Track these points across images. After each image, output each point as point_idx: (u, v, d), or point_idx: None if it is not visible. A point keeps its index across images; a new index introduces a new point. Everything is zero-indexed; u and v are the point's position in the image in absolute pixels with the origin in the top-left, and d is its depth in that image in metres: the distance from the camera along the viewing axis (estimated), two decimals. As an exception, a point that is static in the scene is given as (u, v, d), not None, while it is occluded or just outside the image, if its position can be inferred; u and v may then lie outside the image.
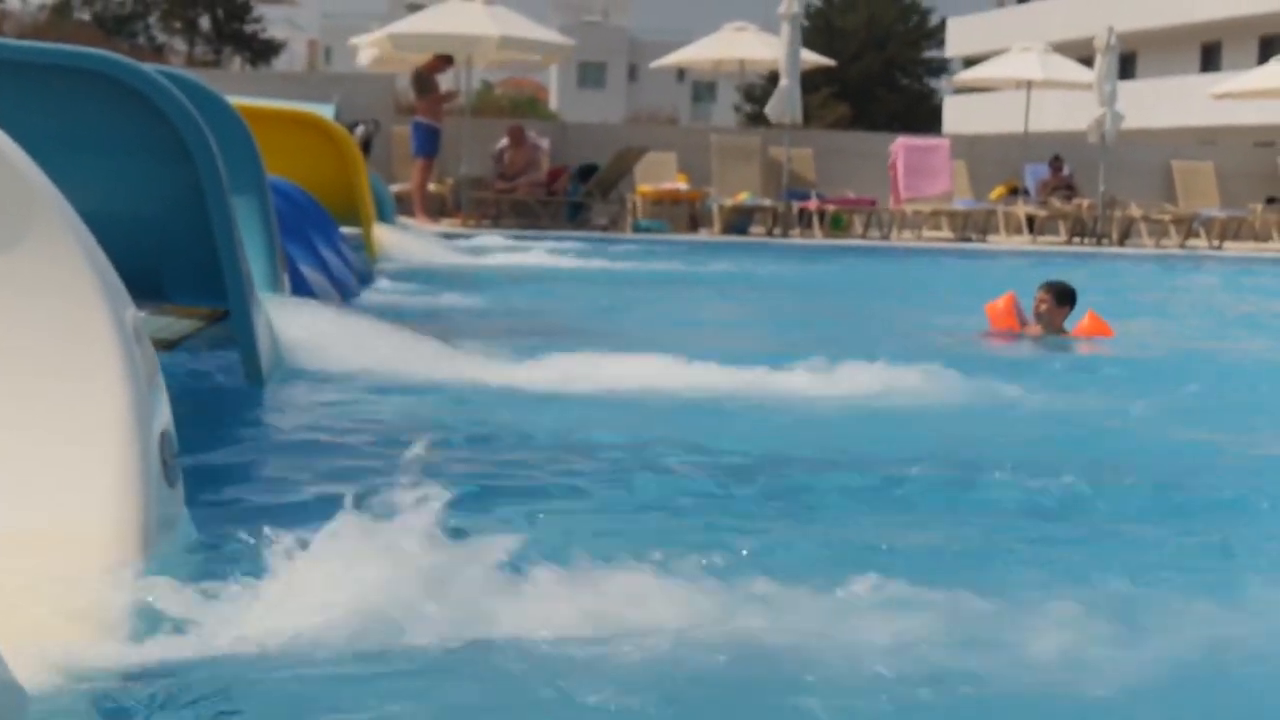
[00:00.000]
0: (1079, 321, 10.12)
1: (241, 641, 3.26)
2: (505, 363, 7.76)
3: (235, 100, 8.38)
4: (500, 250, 17.89)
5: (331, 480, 5.17)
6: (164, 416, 3.94)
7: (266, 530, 3.83)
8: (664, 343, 8.11)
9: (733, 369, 7.59)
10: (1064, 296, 10.05)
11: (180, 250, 6.81)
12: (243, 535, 4.09)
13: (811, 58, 26.71)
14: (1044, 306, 10.01)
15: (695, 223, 23.46)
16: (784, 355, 7.93)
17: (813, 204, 23.55)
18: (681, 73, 70.72)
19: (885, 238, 23.45)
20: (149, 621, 3.29)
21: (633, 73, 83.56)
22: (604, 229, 22.70)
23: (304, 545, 3.80)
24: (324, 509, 4.64)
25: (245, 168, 7.53)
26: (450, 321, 10.22)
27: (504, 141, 23.36)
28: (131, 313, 3.89)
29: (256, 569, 3.62)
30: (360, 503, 4.74)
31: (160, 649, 3.21)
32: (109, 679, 3.08)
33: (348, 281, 11.15)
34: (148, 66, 6.47)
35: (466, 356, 7.91)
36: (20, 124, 3.99)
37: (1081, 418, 7.11)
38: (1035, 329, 10.01)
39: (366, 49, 24.52)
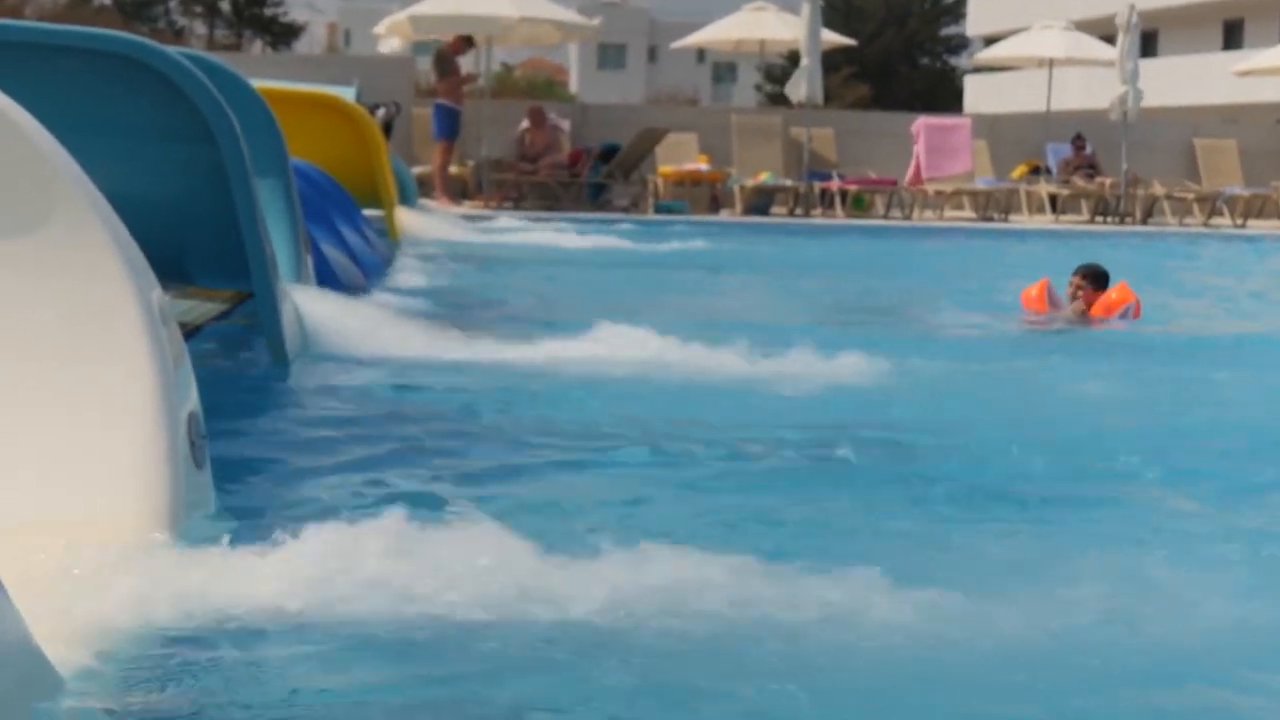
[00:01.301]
0: (1108, 292, 10.07)
1: (269, 620, 3.28)
2: (527, 345, 7.76)
3: (257, 83, 8.38)
4: (522, 232, 17.89)
5: (357, 463, 5.19)
6: (191, 398, 3.95)
7: (293, 512, 3.85)
8: (693, 325, 8.08)
9: (763, 350, 7.57)
10: (1099, 279, 10.02)
11: (204, 233, 6.82)
12: (270, 516, 4.11)
13: (832, 37, 26.64)
14: (1080, 291, 9.97)
15: (717, 203, 23.42)
16: (816, 336, 7.91)
17: (834, 184, 23.50)
18: (701, 53, 70.70)
19: (907, 218, 23.40)
20: (176, 601, 3.31)
21: (652, 54, 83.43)
22: (625, 210, 22.67)
23: (329, 527, 3.82)
24: (349, 492, 4.68)
25: (269, 150, 7.54)
26: (472, 304, 10.23)
27: (525, 123, 23.35)
28: (158, 294, 3.90)
29: (283, 550, 3.64)
30: (381, 486, 4.77)
31: (187, 628, 3.24)
32: (137, 657, 3.11)
33: (370, 264, 11.16)
34: (171, 49, 6.47)
35: (487, 339, 7.92)
36: (46, 107, 4.00)
37: (1117, 398, 7.10)
38: (1070, 312, 9.97)
39: (387, 38, 24.47)
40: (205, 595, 3.35)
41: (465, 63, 23.23)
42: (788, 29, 26.03)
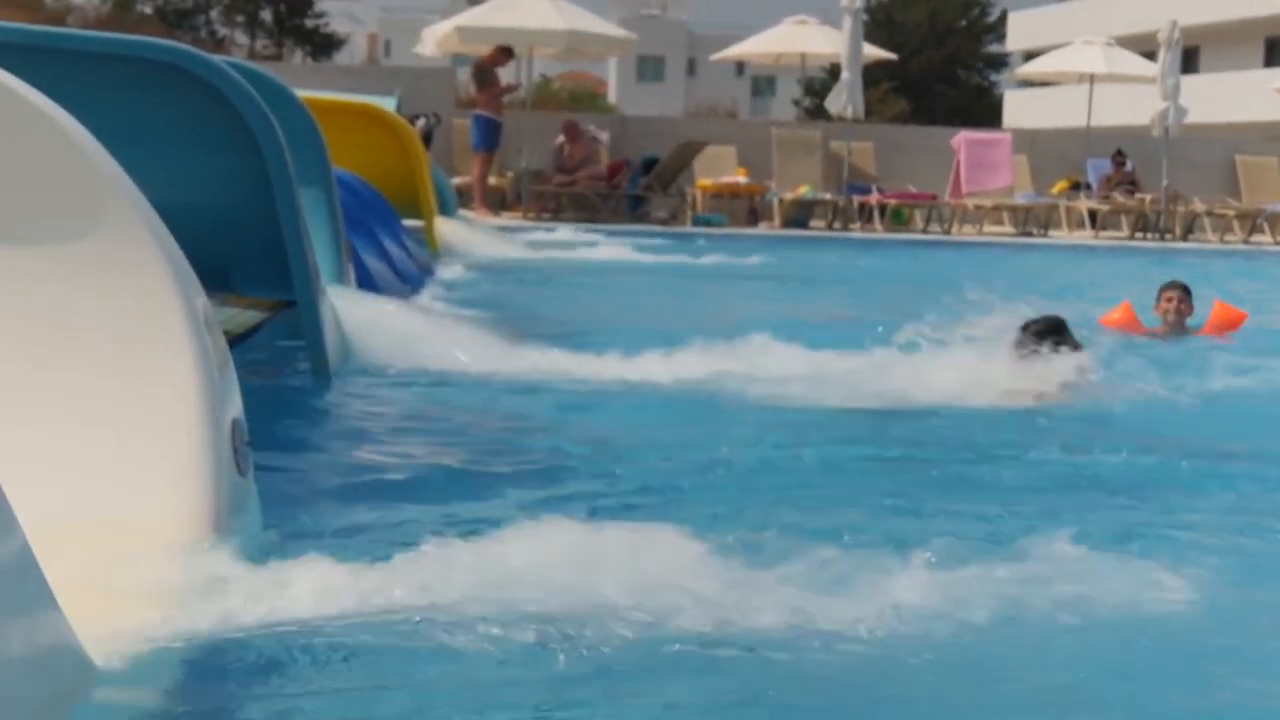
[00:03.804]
0: (1208, 315, 9.94)
1: (309, 626, 3.29)
2: (566, 356, 7.77)
3: (299, 93, 8.41)
4: (560, 244, 17.91)
5: (396, 472, 5.20)
6: (235, 404, 3.97)
7: (331, 519, 3.86)
8: (735, 338, 8.03)
9: (851, 358, 7.54)
10: (1190, 293, 9.86)
11: (247, 241, 6.85)
12: (308, 523, 4.12)
13: (873, 51, 26.64)
14: (1183, 306, 9.77)
15: (755, 216, 23.43)
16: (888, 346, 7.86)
17: (873, 198, 23.48)
18: (740, 66, 70.68)
19: (946, 232, 23.36)
20: (218, 606, 3.32)
21: (691, 66, 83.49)
22: (664, 222, 22.68)
23: (366, 535, 3.83)
24: (388, 500, 4.69)
25: (312, 160, 7.56)
26: (511, 314, 10.23)
27: (561, 137, 23.38)
28: (203, 301, 3.92)
29: (325, 556, 3.65)
30: (422, 497, 4.78)
31: (229, 632, 3.25)
32: (178, 660, 3.12)
33: (410, 273, 11.19)
34: (217, 58, 6.51)
35: (527, 349, 7.93)
36: (93, 115, 4.02)
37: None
38: (1161, 329, 9.78)
39: (430, 41, 24.51)
40: (247, 600, 3.36)
41: (505, 74, 23.29)
42: (829, 43, 26.02)
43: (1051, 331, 7.34)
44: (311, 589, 3.42)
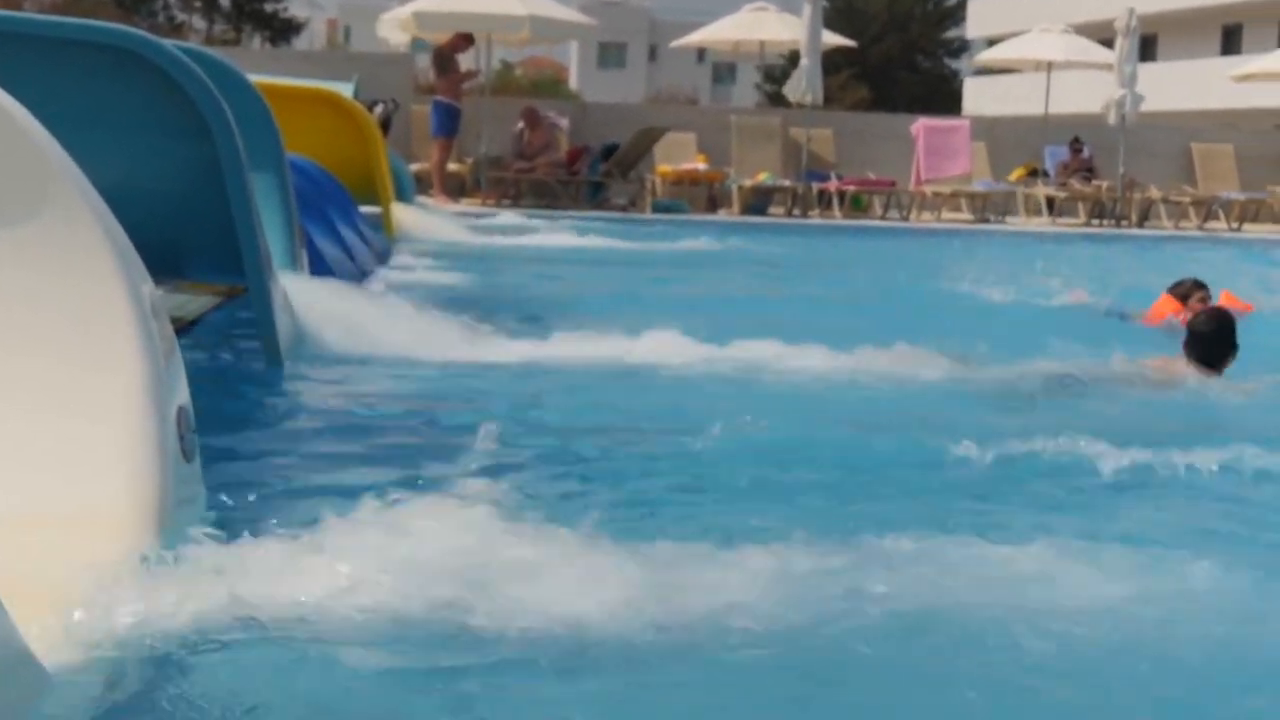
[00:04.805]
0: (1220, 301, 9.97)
1: (254, 616, 3.27)
2: (522, 342, 7.76)
3: (255, 78, 8.37)
4: (519, 230, 17.88)
5: (347, 459, 5.19)
6: (181, 392, 3.95)
7: (282, 507, 3.85)
8: (700, 324, 8.01)
9: (855, 355, 7.54)
10: (1209, 292, 9.88)
11: (199, 227, 6.82)
12: (259, 511, 4.11)
13: (832, 38, 26.65)
14: (1202, 303, 9.72)
15: (714, 203, 23.44)
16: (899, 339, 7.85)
17: (832, 185, 23.52)
18: (701, 53, 70.59)
19: (905, 219, 23.41)
20: (165, 597, 3.31)
21: (653, 53, 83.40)
22: (623, 209, 22.67)
23: (318, 523, 3.82)
24: (338, 487, 4.67)
25: (264, 145, 7.53)
26: (467, 299, 10.21)
27: (520, 124, 23.34)
28: (149, 288, 3.90)
29: (271, 545, 3.64)
30: (374, 482, 4.77)
31: (175, 623, 3.23)
32: (126, 653, 3.10)
33: (366, 260, 11.16)
34: (167, 42, 6.47)
35: (483, 336, 7.92)
36: (40, 99, 3.99)
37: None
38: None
39: (390, 26, 24.41)
40: (193, 589, 3.34)
41: (465, 59, 23.22)
42: (788, 30, 26.03)
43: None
44: (257, 575, 3.41)
